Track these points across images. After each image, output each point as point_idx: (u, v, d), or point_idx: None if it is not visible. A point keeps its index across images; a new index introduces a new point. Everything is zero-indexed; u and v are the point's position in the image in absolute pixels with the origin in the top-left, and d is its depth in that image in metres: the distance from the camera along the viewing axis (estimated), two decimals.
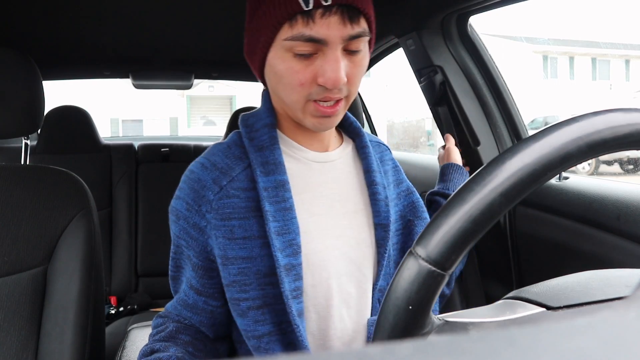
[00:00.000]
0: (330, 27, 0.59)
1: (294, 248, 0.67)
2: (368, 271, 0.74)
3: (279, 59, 0.64)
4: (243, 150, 0.72)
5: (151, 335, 0.73)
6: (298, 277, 0.67)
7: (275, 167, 0.69)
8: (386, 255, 0.74)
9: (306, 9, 0.59)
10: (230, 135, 0.76)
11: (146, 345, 0.69)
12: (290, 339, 0.69)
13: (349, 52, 0.63)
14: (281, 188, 0.68)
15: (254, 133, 0.72)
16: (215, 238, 0.68)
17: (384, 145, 0.88)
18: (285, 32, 0.61)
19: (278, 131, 0.74)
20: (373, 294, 0.75)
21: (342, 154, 0.77)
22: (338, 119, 0.68)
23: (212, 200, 0.68)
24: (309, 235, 0.70)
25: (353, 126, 0.80)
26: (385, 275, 0.76)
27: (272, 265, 0.67)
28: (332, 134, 0.77)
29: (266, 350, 0.69)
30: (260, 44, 0.65)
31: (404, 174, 0.87)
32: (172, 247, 0.76)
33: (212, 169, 0.70)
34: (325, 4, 0.58)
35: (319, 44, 0.61)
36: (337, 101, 0.66)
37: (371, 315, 0.75)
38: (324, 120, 0.67)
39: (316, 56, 0.62)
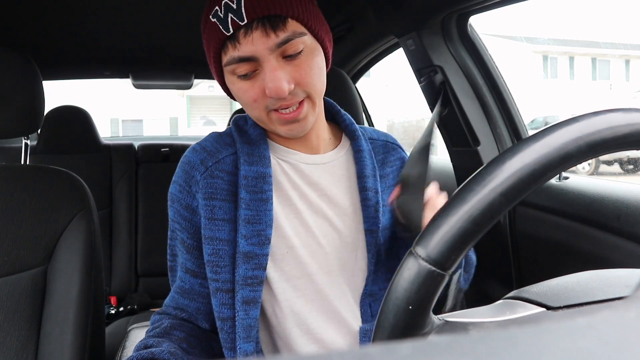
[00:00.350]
0: (254, 43, 0.61)
1: (261, 238, 0.69)
2: (352, 274, 0.75)
3: (230, 82, 0.68)
4: (233, 140, 0.75)
5: (147, 332, 0.75)
6: (259, 266, 0.68)
7: (259, 160, 0.71)
8: (374, 260, 0.75)
9: (228, 34, 0.62)
10: (226, 128, 0.79)
11: (141, 341, 0.70)
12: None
13: (289, 57, 0.64)
14: (261, 179, 0.70)
15: (243, 132, 0.75)
16: (201, 217, 0.71)
17: (394, 144, 0.85)
18: (224, 59, 0.65)
19: (267, 139, 0.76)
20: (362, 299, 0.75)
21: (336, 156, 0.77)
22: (308, 121, 0.69)
23: (199, 180, 0.72)
24: (293, 230, 0.72)
25: (349, 129, 0.80)
26: (376, 280, 0.76)
27: None
28: (321, 137, 0.77)
29: (228, 334, 0.70)
30: (214, 72, 0.70)
31: None
32: (168, 233, 0.78)
33: (201, 151, 0.74)
34: (242, 23, 0.60)
35: (252, 61, 0.63)
36: (300, 104, 0.66)
37: (362, 322, 0.75)
38: (292, 125, 0.67)
39: (258, 72, 0.64)
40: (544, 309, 0.40)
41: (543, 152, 0.35)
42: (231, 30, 0.61)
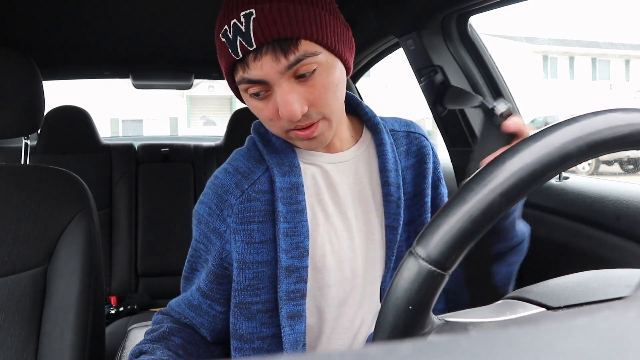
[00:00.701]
0: (263, 67, 0.58)
1: (300, 250, 0.67)
2: (377, 272, 0.74)
3: (244, 98, 0.66)
4: (261, 154, 0.73)
5: (147, 332, 0.74)
6: (300, 279, 0.67)
7: (290, 169, 0.69)
8: (394, 257, 0.73)
9: (237, 58, 0.59)
10: (247, 139, 0.77)
11: (136, 345, 0.70)
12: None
13: (301, 76, 0.60)
14: (295, 190, 0.69)
15: (266, 140, 0.73)
16: (234, 242, 0.69)
17: (416, 133, 0.81)
18: (235, 76, 0.63)
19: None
20: (381, 295, 0.75)
21: (357, 152, 0.75)
22: (326, 137, 0.66)
23: (234, 205, 0.70)
24: (324, 237, 0.71)
25: (371, 122, 0.76)
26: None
27: None
28: (343, 137, 0.75)
29: (268, 352, 0.70)
30: (229, 85, 0.67)
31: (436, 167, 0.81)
32: (190, 250, 0.77)
33: (235, 173, 0.72)
34: (251, 49, 0.57)
35: (264, 84, 0.60)
36: (316, 124, 0.64)
37: None
38: (310, 142, 0.66)
39: (270, 92, 0.62)
40: (544, 309, 0.40)
41: (543, 152, 0.35)
42: (240, 55, 0.59)
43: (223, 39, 0.60)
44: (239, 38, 0.58)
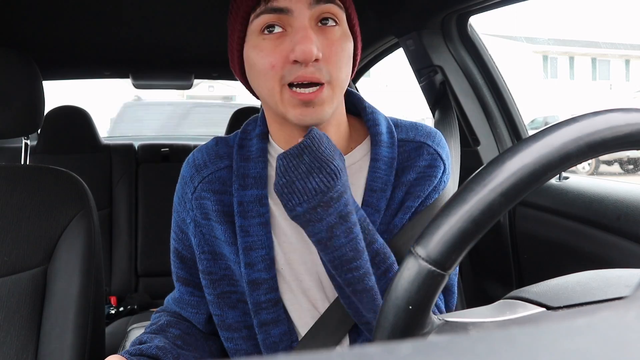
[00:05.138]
0: None
1: (266, 263, 0.65)
2: None
3: (251, 47, 0.61)
4: (230, 151, 0.71)
5: (146, 327, 0.75)
6: (271, 289, 0.66)
7: (254, 181, 0.67)
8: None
9: None
10: (234, 133, 0.74)
11: (137, 337, 0.70)
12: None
13: (322, 27, 0.59)
14: (257, 202, 0.66)
15: (246, 141, 0.70)
16: (202, 235, 0.69)
17: (432, 149, 0.70)
18: (252, 19, 0.60)
19: (273, 143, 0.70)
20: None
21: (348, 161, 0.69)
22: (325, 110, 0.60)
23: (191, 199, 0.70)
24: (290, 246, 0.68)
25: (371, 130, 0.70)
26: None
27: None
28: (332, 138, 0.68)
29: (257, 340, 0.69)
30: (235, 40, 0.63)
31: (438, 192, 0.70)
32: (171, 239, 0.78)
33: (192, 165, 0.72)
34: None
35: (285, 14, 0.57)
36: (320, 88, 0.59)
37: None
38: (306, 110, 0.59)
39: (285, 34, 0.58)
40: (544, 309, 0.40)
41: (543, 152, 0.35)
42: None
43: None
44: None
